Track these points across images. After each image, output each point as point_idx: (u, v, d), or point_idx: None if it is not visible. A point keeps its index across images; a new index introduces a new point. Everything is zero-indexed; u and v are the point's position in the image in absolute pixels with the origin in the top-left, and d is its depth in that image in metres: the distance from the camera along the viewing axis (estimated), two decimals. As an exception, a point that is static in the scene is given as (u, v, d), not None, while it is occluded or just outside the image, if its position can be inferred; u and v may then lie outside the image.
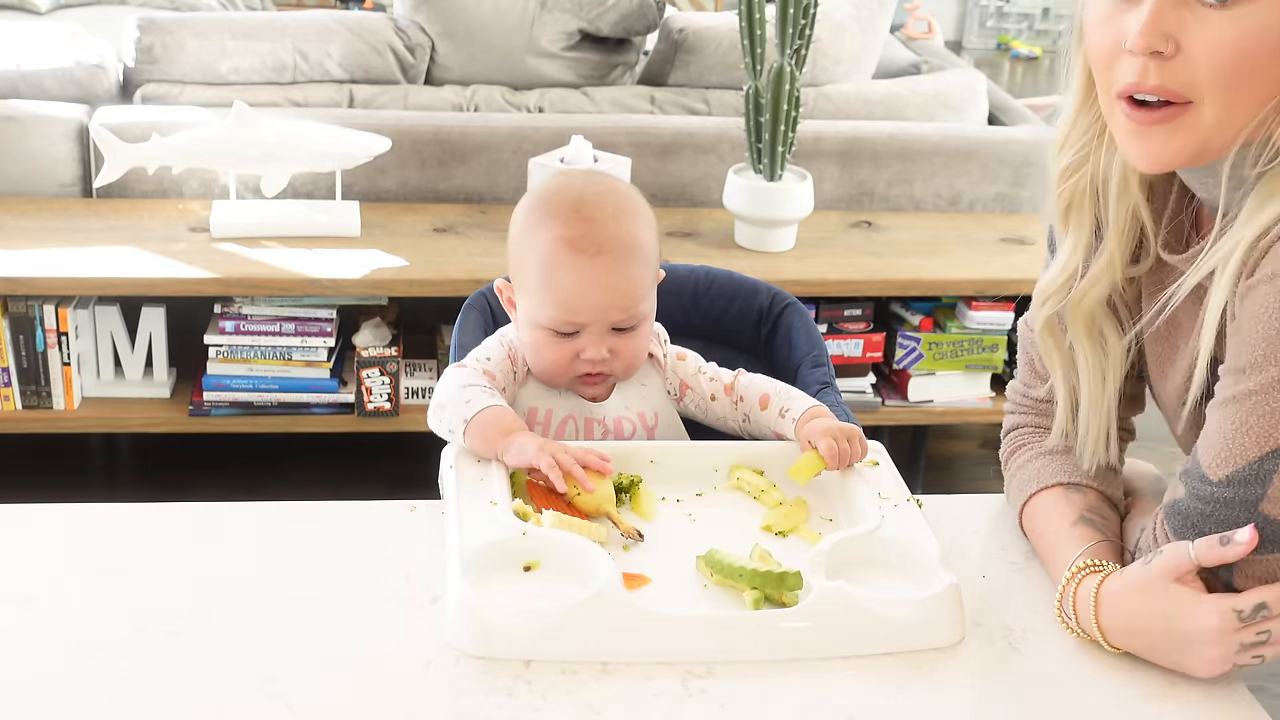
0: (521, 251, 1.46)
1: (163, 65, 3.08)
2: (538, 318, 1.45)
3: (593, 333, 1.44)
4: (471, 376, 1.44)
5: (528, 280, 1.46)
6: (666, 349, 1.57)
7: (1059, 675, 1.18)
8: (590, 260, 1.42)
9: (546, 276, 1.43)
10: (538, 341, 1.46)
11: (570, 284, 1.42)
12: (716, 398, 1.54)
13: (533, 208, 1.47)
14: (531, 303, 1.45)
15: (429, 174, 3.02)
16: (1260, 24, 1.06)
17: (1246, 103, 1.08)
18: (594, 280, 1.42)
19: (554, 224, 1.43)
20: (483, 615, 1.16)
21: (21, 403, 2.72)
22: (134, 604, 1.20)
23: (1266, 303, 1.10)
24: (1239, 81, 1.07)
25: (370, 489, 2.64)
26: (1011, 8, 7.03)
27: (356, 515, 1.36)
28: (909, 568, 1.25)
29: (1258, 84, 1.08)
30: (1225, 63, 1.06)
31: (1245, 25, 1.05)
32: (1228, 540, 1.12)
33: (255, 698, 1.10)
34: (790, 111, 2.80)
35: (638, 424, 1.53)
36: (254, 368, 2.75)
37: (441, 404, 1.41)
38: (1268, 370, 1.11)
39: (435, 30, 3.23)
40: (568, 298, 1.43)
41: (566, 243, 1.42)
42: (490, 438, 1.36)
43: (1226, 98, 1.08)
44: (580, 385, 1.49)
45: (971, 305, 2.89)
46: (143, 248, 2.71)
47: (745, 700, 1.12)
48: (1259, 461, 1.11)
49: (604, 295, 1.43)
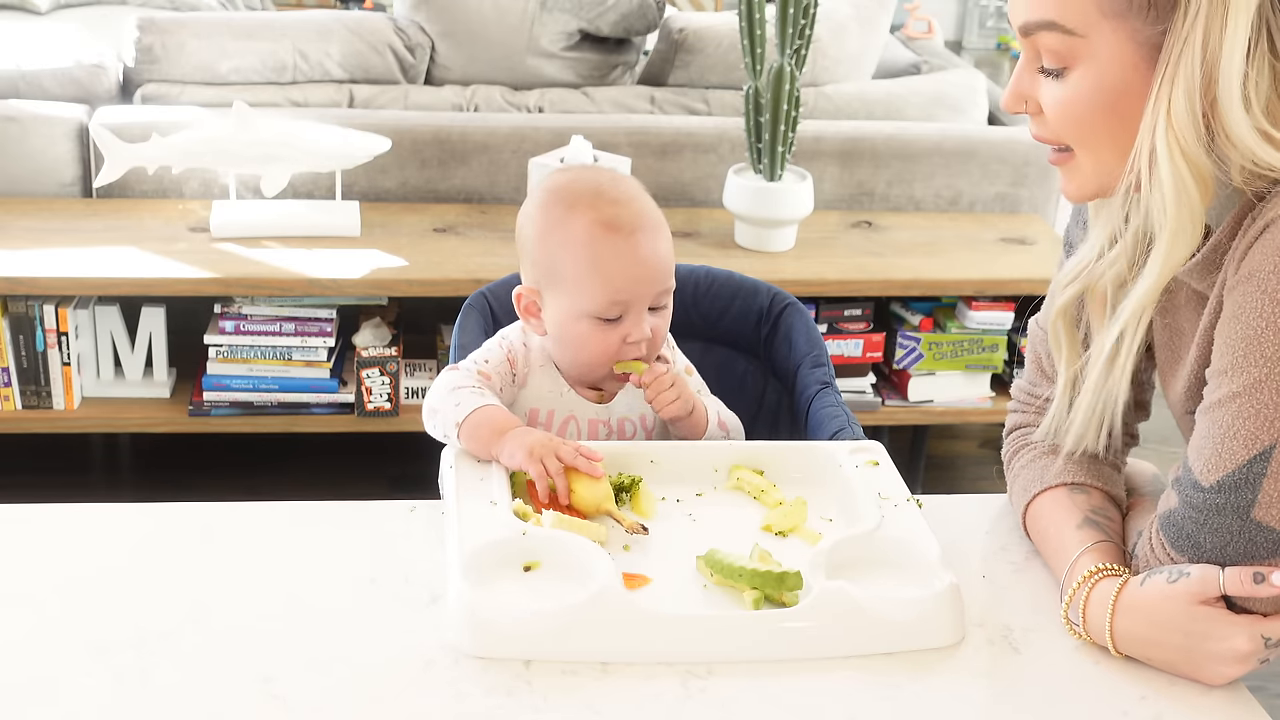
0: (550, 248, 1.46)
1: (163, 65, 3.08)
2: (584, 308, 1.45)
3: (635, 313, 1.46)
4: (461, 379, 1.44)
5: (565, 274, 1.45)
6: (677, 355, 1.57)
7: (1059, 675, 1.18)
8: (629, 239, 1.44)
9: (591, 262, 1.44)
10: (582, 334, 1.46)
11: (617, 264, 1.44)
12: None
13: (549, 203, 1.48)
14: (573, 295, 1.45)
15: (429, 174, 3.02)
16: (1083, 88, 1.15)
17: (1106, 152, 1.17)
18: (637, 257, 1.44)
19: (583, 212, 1.45)
20: (483, 615, 1.16)
21: (21, 403, 2.72)
22: (134, 604, 1.20)
23: (1245, 302, 1.10)
24: (1085, 135, 1.17)
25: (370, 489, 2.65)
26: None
27: (356, 515, 1.36)
28: (909, 568, 1.25)
29: (1104, 136, 1.16)
30: (1063, 120, 1.17)
31: (1071, 89, 1.15)
32: (1261, 579, 1.12)
33: (255, 698, 1.10)
34: (790, 111, 2.80)
35: (639, 426, 1.53)
36: (254, 368, 2.75)
37: (434, 408, 1.41)
38: (1249, 371, 1.10)
39: (435, 30, 3.23)
40: (616, 278, 1.44)
41: (603, 225, 1.44)
42: (484, 439, 1.36)
43: (1085, 148, 1.18)
44: (612, 380, 1.50)
45: (971, 305, 2.89)
46: (143, 248, 2.71)
47: (745, 700, 1.12)
48: (1247, 465, 1.11)
49: (648, 270, 1.45)
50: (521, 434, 1.35)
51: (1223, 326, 1.13)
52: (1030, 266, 2.90)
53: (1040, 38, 1.15)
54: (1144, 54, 1.12)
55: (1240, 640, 1.13)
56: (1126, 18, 1.11)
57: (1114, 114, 1.14)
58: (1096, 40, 1.12)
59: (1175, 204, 1.12)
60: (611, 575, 1.18)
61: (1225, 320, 1.13)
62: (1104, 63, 1.13)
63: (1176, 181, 1.11)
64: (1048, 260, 2.91)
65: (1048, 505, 1.31)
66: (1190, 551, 1.16)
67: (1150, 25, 1.10)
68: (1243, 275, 1.11)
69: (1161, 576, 1.17)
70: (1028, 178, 3.17)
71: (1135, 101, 1.13)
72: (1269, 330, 1.09)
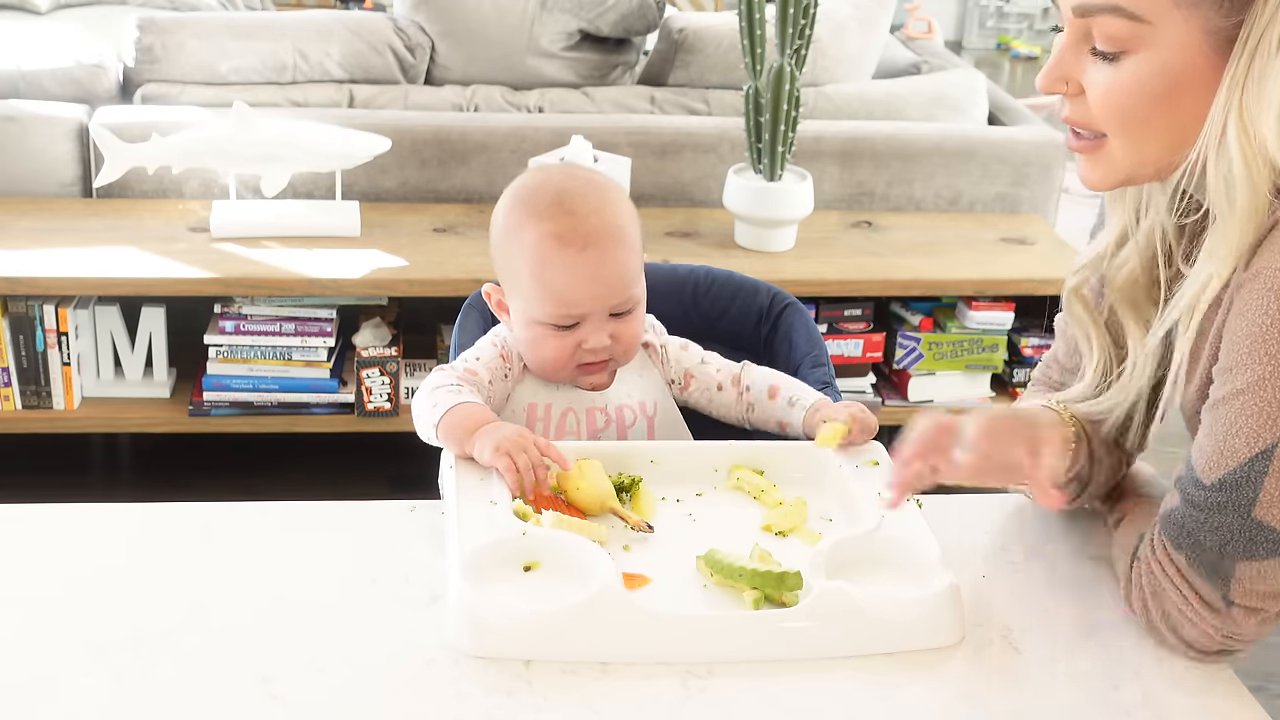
0: (508, 253, 1.46)
1: (163, 65, 3.08)
2: (535, 314, 1.45)
3: (592, 322, 1.45)
4: (441, 378, 1.44)
5: (519, 280, 1.46)
6: (664, 339, 1.57)
7: (1059, 675, 1.18)
8: (579, 254, 1.42)
9: (538, 273, 1.43)
10: (537, 338, 1.46)
11: (563, 278, 1.43)
12: (723, 388, 1.55)
13: (512, 208, 1.47)
14: (526, 301, 1.45)
15: (429, 174, 3.02)
16: (1140, 74, 1.12)
17: (1147, 141, 1.15)
18: (585, 272, 1.43)
19: (538, 221, 1.43)
20: (483, 615, 1.16)
21: (21, 403, 2.72)
22: (133, 604, 1.20)
23: (1252, 299, 1.10)
24: (1130, 123, 1.15)
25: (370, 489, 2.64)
26: (1011, 8, 7.03)
27: (356, 515, 1.36)
28: (909, 568, 1.25)
29: (1151, 126, 1.14)
30: (1111, 106, 1.14)
31: (1127, 75, 1.13)
32: None
33: (254, 698, 1.09)
34: (790, 111, 2.80)
35: (638, 412, 1.53)
36: (254, 368, 2.75)
37: (418, 413, 1.42)
38: (1253, 368, 1.10)
39: (435, 30, 3.23)
40: (563, 292, 1.43)
41: (554, 238, 1.42)
42: (458, 437, 1.37)
43: (1126, 136, 1.16)
44: (582, 376, 1.49)
45: (971, 305, 2.89)
46: (143, 248, 2.71)
47: (745, 700, 1.12)
48: (1249, 463, 1.11)
49: (598, 286, 1.43)
50: (492, 430, 1.35)
51: (1230, 323, 1.13)
52: (1030, 266, 2.90)
53: (1100, 21, 1.12)
54: (1213, 44, 1.10)
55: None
56: (1200, 7, 1.09)
57: (1168, 103, 1.12)
58: (1165, 28, 1.10)
59: (1248, 196, 1.10)
60: (611, 575, 1.18)
61: (1232, 317, 1.13)
62: (1169, 51, 1.11)
63: (1248, 174, 1.09)
64: (1048, 260, 2.91)
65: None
66: (1190, 550, 1.16)
67: (1225, 16, 1.09)
68: (1251, 272, 1.11)
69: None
70: (1028, 178, 3.17)
71: (1194, 93, 1.11)
72: (1274, 328, 1.09)
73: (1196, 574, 1.16)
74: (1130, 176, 1.18)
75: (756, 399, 1.53)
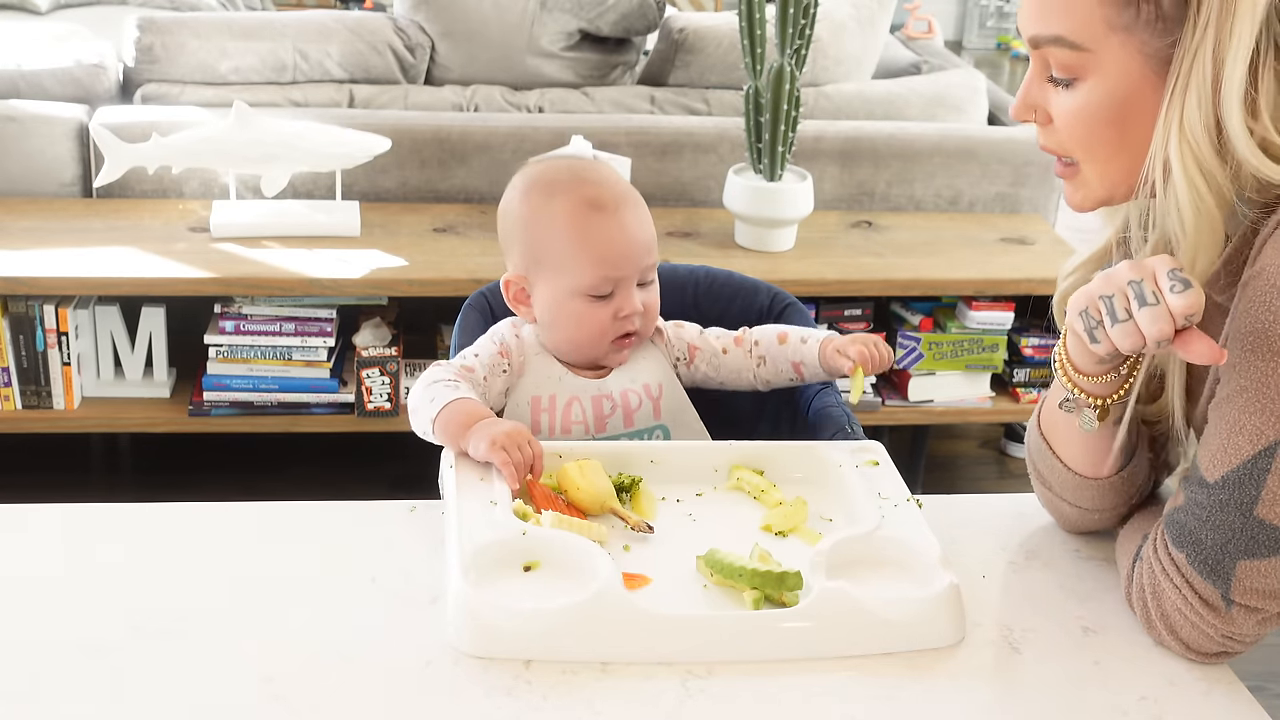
0: (537, 231, 1.50)
1: (163, 65, 3.08)
2: (575, 286, 1.48)
3: (625, 288, 1.49)
4: (437, 374, 1.45)
5: (553, 256, 1.49)
6: (661, 323, 1.59)
7: (1059, 675, 1.18)
8: (614, 215, 1.48)
9: (579, 239, 1.47)
10: (576, 313, 1.49)
11: (605, 239, 1.48)
12: (728, 350, 1.59)
13: (529, 190, 1.51)
14: (564, 276, 1.48)
15: (429, 174, 3.02)
16: (1091, 100, 1.15)
17: (1109, 164, 1.17)
18: (623, 232, 1.49)
19: (566, 192, 1.49)
20: (483, 615, 1.16)
21: (21, 403, 2.72)
22: (133, 604, 1.20)
23: (1255, 297, 1.10)
24: (1092, 146, 1.17)
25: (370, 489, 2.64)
26: (1011, 8, 7.04)
27: (356, 515, 1.36)
28: (909, 568, 1.25)
29: (1111, 148, 1.16)
30: (1072, 132, 1.17)
31: (1081, 101, 1.15)
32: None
33: (254, 698, 1.10)
34: (790, 111, 2.80)
35: (643, 395, 1.54)
36: (254, 368, 2.75)
37: (414, 408, 1.42)
38: (1256, 365, 1.10)
39: (435, 30, 3.23)
40: (606, 253, 1.48)
41: (589, 203, 1.48)
42: (454, 433, 1.37)
43: (1091, 160, 1.18)
44: (613, 352, 1.52)
45: (971, 305, 2.89)
46: (143, 248, 2.71)
47: (745, 700, 1.12)
48: (1252, 460, 1.11)
49: (634, 246, 1.49)
50: (488, 425, 1.35)
51: (1234, 323, 1.13)
52: (1030, 266, 2.90)
53: (1050, 51, 1.16)
54: (1153, 66, 1.12)
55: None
56: (1134, 31, 1.11)
57: (1122, 126, 1.15)
58: (1105, 54, 1.13)
59: (1193, 214, 1.11)
60: (611, 575, 1.18)
61: (1236, 316, 1.13)
62: (1114, 76, 1.13)
63: (1191, 192, 1.11)
64: (1048, 260, 2.91)
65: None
66: (1190, 548, 1.16)
67: (1159, 38, 1.10)
68: (1254, 271, 1.11)
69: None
70: (1028, 178, 3.17)
71: (1143, 114, 1.13)
72: (1276, 325, 1.09)
73: (1196, 573, 1.16)
74: (1109, 197, 1.20)
75: (767, 350, 1.58)
